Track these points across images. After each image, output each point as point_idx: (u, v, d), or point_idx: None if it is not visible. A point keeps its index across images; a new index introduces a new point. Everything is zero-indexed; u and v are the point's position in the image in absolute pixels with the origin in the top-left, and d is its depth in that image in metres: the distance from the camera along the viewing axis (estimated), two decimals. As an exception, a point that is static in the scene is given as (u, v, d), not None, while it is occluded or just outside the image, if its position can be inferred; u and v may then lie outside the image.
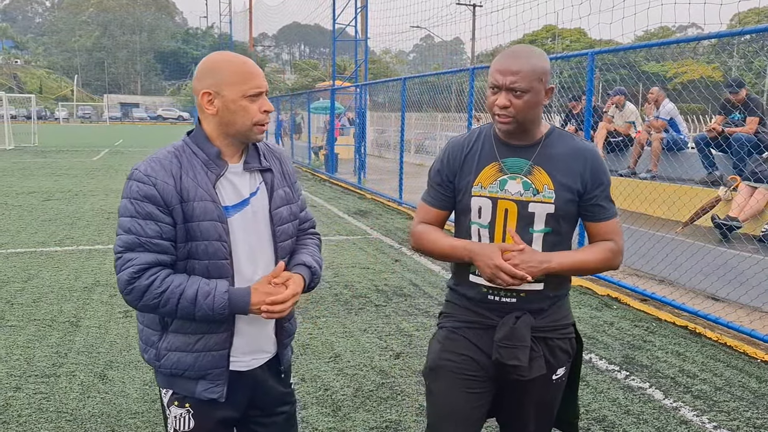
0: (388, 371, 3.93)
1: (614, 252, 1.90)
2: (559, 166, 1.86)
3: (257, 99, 1.71)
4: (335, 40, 17.84)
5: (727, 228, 5.83)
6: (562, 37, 55.13)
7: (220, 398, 1.77)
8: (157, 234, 1.66)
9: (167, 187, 1.66)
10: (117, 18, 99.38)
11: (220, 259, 1.71)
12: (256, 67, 1.73)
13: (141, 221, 1.65)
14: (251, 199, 1.78)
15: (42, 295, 5.34)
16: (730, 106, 7.14)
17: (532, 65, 1.78)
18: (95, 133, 41.53)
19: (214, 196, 1.70)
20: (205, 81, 1.70)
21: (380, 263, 6.79)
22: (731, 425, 3.34)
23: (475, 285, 1.93)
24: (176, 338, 1.74)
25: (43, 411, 3.32)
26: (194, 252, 1.70)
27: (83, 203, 10.54)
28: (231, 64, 1.70)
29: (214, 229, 1.69)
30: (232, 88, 1.68)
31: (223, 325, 1.74)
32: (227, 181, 1.75)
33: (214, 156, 1.73)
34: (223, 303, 1.67)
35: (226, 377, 1.77)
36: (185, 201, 1.67)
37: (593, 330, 4.78)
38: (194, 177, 1.69)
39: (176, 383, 1.78)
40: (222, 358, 1.76)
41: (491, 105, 1.83)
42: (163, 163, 1.69)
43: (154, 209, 1.65)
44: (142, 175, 1.67)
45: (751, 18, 40.53)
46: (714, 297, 5.48)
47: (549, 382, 1.95)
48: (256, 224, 1.78)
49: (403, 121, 11.57)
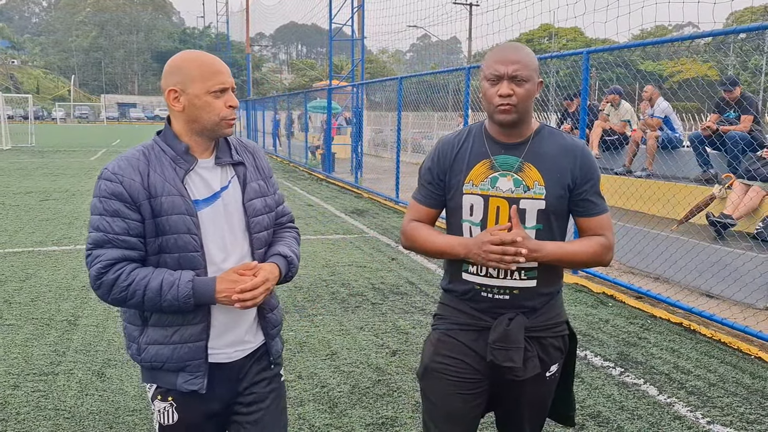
0: (384, 368, 3.96)
1: (605, 247, 1.92)
2: (549, 162, 1.88)
3: (222, 95, 1.74)
4: (332, 39, 17.86)
5: (721, 226, 5.86)
6: (558, 36, 55.21)
7: (201, 390, 1.78)
8: (124, 230, 1.70)
9: (134, 184, 1.70)
10: (114, 18, 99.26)
11: (190, 252, 1.73)
12: (221, 63, 1.76)
13: (108, 218, 1.70)
14: (222, 192, 1.81)
15: (40, 294, 5.36)
16: (724, 105, 7.18)
17: (530, 56, 1.84)
18: (92, 133, 41.49)
19: (182, 190, 1.73)
20: (171, 79, 1.73)
21: (377, 262, 6.81)
22: (725, 420, 3.37)
23: (468, 282, 1.94)
24: (155, 332, 1.77)
25: (41, 409, 3.34)
26: (165, 246, 1.73)
27: (81, 203, 10.55)
28: (195, 62, 1.73)
29: (182, 223, 1.72)
30: (196, 85, 1.71)
31: (197, 316, 1.77)
32: (197, 175, 1.78)
33: (182, 152, 1.76)
34: (187, 292, 1.69)
35: (205, 369, 1.79)
36: (153, 197, 1.71)
37: (588, 327, 4.81)
38: (162, 173, 1.73)
39: (158, 377, 1.81)
40: (199, 349, 1.78)
41: (491, 96, 1.83)
42: (131, 161, 1.73)
43: (121, 206, 1.69)
44: (110, 174, 1.71)
45: (747, 17, 40.60)
46: (708, 294, 5.51)
47: (543, 380, 1.97)
48: (228, 217, 1.81)
49: (399, 120, 11.60)
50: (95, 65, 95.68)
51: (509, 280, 1.89)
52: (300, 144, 20.66)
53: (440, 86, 13.74)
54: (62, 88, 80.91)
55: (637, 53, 22.76)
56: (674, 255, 5.82)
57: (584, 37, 51.48)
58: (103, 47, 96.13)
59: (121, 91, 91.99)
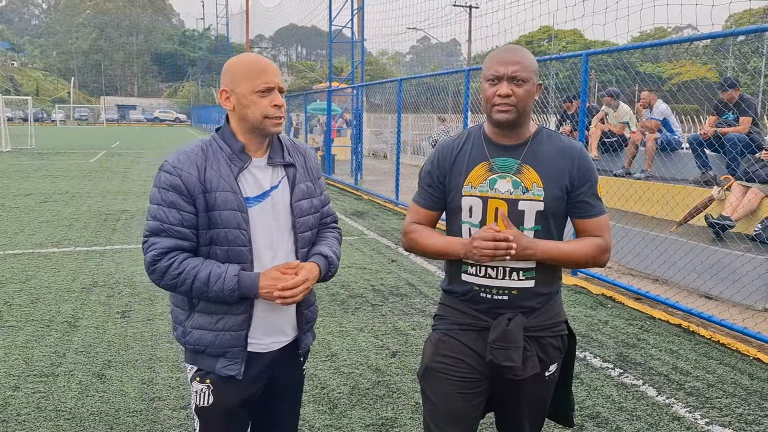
0: (384, 370, 3.97)
1: (601, 248, 1.93)
2: (547, 164, 1.90)
3: (268, 94, 1.82)
4: (332, 41, 17.88)
5: (720, 227, 5.88)
6: (558, 39, 55.25)
7: (238, 375, 1.89)
8: (178, 221, 1.80)
9: (191, 177, 1.80)
10: (114, 20, 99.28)
11: (239, 246, 1.83)
12: (269, 64, 1.84)
13: (165, 209, 1.81)
14: (272, 192, 1.90)
15: (40, 296, 5.37)
16: (722, 107, 7.20)
17: (529, 58, 1.87)
18: (92, 134, 41.51)
19: (235, 187, 1.83)
20: (223, 80, 1.86)
21: (377, 263, 6.82)
22: (723, 421, 3.38)
23: (467, 283, 1.96)
24: (200, 317, 1.88)
25: (41, 410, 3.34)
26: (216, 238, 1.83)
27: (81, 205, 10.56)
28: (243, 63, 1.83)
29: (233, 218, 1.81)
30: (243, 85, 1.81)
31: (241, 307, 1.87)
32: (250, 174, 1.88)
33: (238, 150, 1.86)
34: (233, 285, 1.79)
35: (244, 356, 1.90)
36: (208, 191, 1.81)
37: (588, 328, 4.82)
38: (218, 169, 1.82)
39: (199, 359, 1.91)
40: (240, 338, 1.88)
41: (491, 96, 1.86)
42: (190, 156, 1.84)
43: (178, 198, 1.80)
44: (170, 167, 1.82)
45: (746, 19, 40.65)
46: (707, 295, 5.53)
47: (542, 379, 1.99)
48: (275, 215, 1.90)
49: (399, 122, 11.62)
50: (95, 67, 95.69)
51: (508, 281, 1.90)
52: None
53: (440, 88, 13.76)
54: (62, 90, 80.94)
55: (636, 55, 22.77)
56: (673, 256, 5.83)
57: (584, 39, 51.53)
58: (103, 49, 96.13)
59: (120, 93, 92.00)
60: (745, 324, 4.65)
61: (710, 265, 5.49)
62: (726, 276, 5.33)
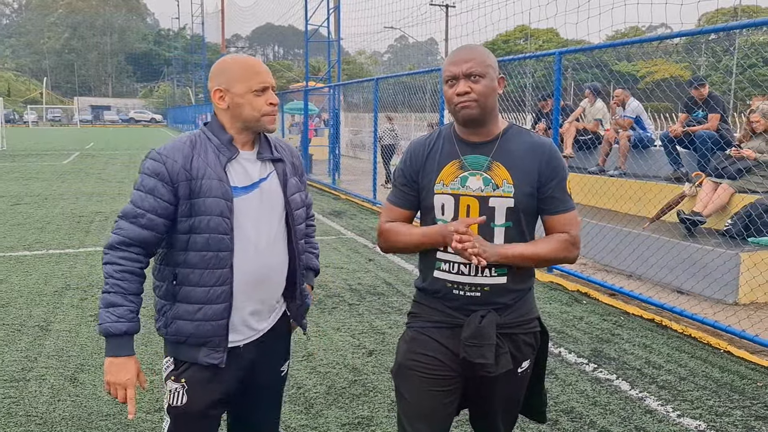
0: (360, 368, 3.97)
1: (568, 243, 1.94)
2: (517, 160, 1.91)
3: (263, 93, 1.88)
4: (308, 40, 17.80)
5: (691, 223, 5.98)
6: (535, 38, 55.69)
7: (221, 363, 1.89)
8: (152, 208, 1.83)
9: (175, 165, 1.84)
10: (87, 19, 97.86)
11: (220, 234, 1.85)
12: (262, 65, 1.91)
13: (143, 194, 1.84)
14: (261, 183, 1.94)
15: (11, 300, 5.27)
16: (692, 104, 7.32)
17: (484, 54, 1.90)
18: (65, 136, 40.84)
19: (222, 175, 1.86)
20: (217, 80, 1.90)
21: (354, 263, 6.82)
22: (694, 413, 3.44)
23: (439, 280, 1.96)
24: (181, 307, 1.89)
25: (12, 415, 3.29)
26: (196, 226, 1.85)
27: (53, 207, 10.39)
28: (238, 64, 1.89)
29: (216, 205, 1.84)
30: (239, 85, 1.86)
31: (221, 296, 1.88)
32: (239, 165, 1.92)
33: (226, 141, 1.90)
34: (106, 328, 1.81)
35: (225, 345, 1.91)
36: (193, 178, 1.84)
37: (563, 325, 4.87)
38: (205, 158, 1.87)
39: (180, 350, 1.92)
40: (221, 327, 1.89)
41: (451, 97, 1.89)
42: (177, 145, 1.88)
43: (158, 184, 1.83)
44: (155, 153, 1.87)
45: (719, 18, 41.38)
46: (679, 290, 5.62)
47: (515, 376, 2.00)
48: (263, 207, 1.94)
49: (376, 121, 11.62)
50: (68, 67, 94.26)
51: (480, 277, 1.91)
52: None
53: (417, 87, 13.79)
54: (34, 90, 79.55)
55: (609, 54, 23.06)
56: (646, 252, 5.92)
57: (560, 39, 52.02)
58: (76, 49, 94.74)
59: (94, 94, 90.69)
60: (716, 318, 4.74)
61: (682, 260, 5.58)
62: (697, 271, 5.43)
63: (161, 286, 1.93)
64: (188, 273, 1.88)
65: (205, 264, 1.86)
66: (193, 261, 1.86)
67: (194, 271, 1.87)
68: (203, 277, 1.86)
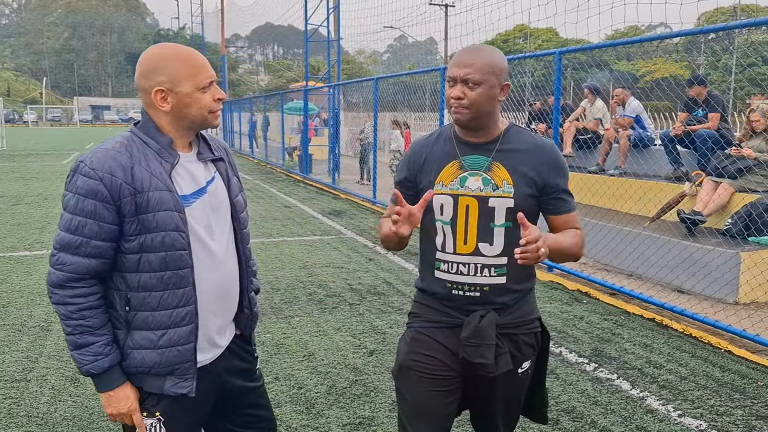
0: (361, 368, 3.97)
1: (582, 238, 1.96)
2: (517, 161, 1.91)
3: (210, 88, 1.71)
4: (307, 40, 17.80)
5: (692, 222, 5.98)
6: (534, 37, 55.69)
7: (190, 393, 1.73)
8: (95, 235, 1.62)
9: (115, 180, 1.61)
10: (86, 19, 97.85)
11: (177, 250, 1.67)
12: (201, 56, 1.72)
13: (81, 218, 1.62)
14: (208, 186, 1.77)
15: (11, 300, 5.27)
16: (692, 103, 7.32)
17: (487, 60, 1.85)
18: (65, 135, 40.84)
19: (170, 185, 1.67)
20: (156, 78, 1.67)
21: (354, 262, 6.82)
22: (695, 413, 3.44)
23: (439, 280, 1.96)
24: (139, 335, 1.70)
25: (13, 416, 3.29)
26: (148, 245, 1.65)
27: (53, 207, 10.38)
28: (177, 59, 1.67)
29: (170, 220, 1.65)
30: (185, 83, 1.67)
31: (186, 318, 1.71)
32: (183, 169, 1.73)
33: (166, 145, 1.70)
34: (87, 370, 1.67)
35: (194, 372, 1.74)
36: (139, 192, 1.62)
37: (563, 324, 4.87)
38: (147, 166, 1.65)
39: (144, 381, 1.73)
40: (188, 351, 1.72)
41: (447, 98, 1.89)
42: (112, 155, 1.63)
43: (98, 205, 1.61)
44: (87, 169, 1.61)
45: (719, 17, 41.39)
46: (680, 290, 5.62)
47: (515, 376, 2.00)
48: (213, 212, 1.78)
49: (376, 121, 11.62)
50: (67, 67, 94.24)
51: (479, 277, 1.91)
52: (277, 145, 20.55)
53: (417, 86, 13.79)
54: (34, 90, 79.54)
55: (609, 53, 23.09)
56: (647, 252, 5.92)
57: (559, 38, 52.00)
58: (76, 49, 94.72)
59: (94, 93, 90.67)
60: (716, 317, 4.74)
61: (683, 259, 5.58)
62: (698, 270, 5.42)
63: (109, 311, 1.71)
64: (144, 297, 1.67)
65: (164, 285, 1.67)
66: (150, 283, 1.66)
67: (151, 294, 1.67)
68: (163, 299, 1.67)
